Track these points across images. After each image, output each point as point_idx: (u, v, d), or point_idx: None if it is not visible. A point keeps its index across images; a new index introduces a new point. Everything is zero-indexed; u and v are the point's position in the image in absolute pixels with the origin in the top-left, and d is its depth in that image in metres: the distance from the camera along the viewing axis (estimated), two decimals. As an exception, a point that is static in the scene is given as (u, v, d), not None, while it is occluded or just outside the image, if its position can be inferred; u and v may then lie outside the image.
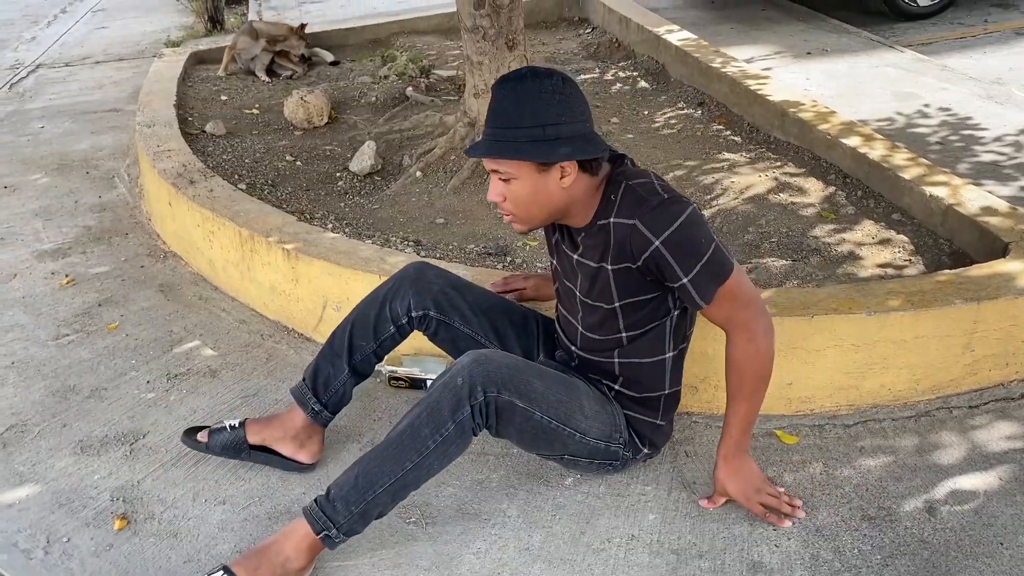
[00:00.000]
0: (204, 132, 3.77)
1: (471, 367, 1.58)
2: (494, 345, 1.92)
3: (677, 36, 4.47)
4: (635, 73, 4.49)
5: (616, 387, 1.80)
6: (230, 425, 1.98)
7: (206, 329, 2.64)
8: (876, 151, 2.98)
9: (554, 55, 4.94)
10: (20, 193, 3.72)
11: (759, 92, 3.61)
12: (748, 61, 4.39)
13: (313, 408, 1.92)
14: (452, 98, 4.12)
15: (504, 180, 1.57)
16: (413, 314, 1.89)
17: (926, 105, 3.86)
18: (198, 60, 5.01)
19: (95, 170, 3.95)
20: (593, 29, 5.41)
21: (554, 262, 1.83)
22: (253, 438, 1.95)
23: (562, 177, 1.56)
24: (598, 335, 1.76)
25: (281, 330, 2.60)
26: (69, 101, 5.07)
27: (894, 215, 2.78)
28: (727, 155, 3.37)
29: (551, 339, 1.98)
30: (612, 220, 1.59)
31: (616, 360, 1.77)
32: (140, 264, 3.06)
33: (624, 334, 1.73)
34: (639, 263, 1.59)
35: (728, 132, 3.60)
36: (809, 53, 4.67)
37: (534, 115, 1.52)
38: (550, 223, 1.71)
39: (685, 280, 1.57)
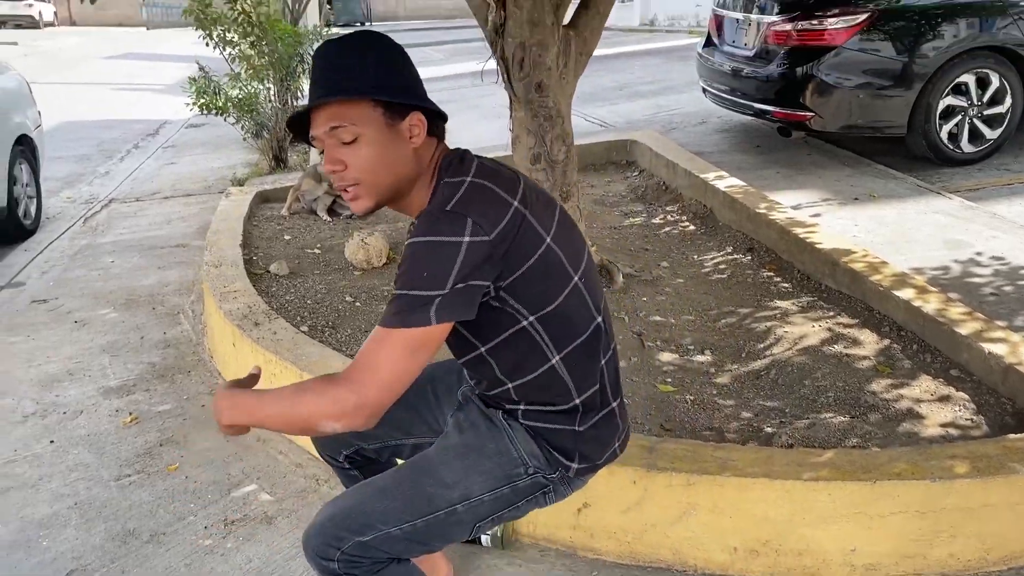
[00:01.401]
0: (268, 272, 3.92)
1: (305, 553, 1.55)
2: (401, 438, 1.79)
3: (724, 182, 4.59)
4: (683, 217, 4.59)
5: (522, 407, 1.56)
6: None
7: (263, 472, 2.67)
8: (930, 304, 2.99)
9: (603, 197, 5.09)
10: (90, 328, 3.87)
11: (808, 240, 3.67)
12: (796, 208, 4.47)
13: None
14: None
15: (347, 143, 1.39)
16: (338, 457, 1.83)
17: (978, 254, 3.87)
18: (263, 199, 5.26)
19: (161, 306, 4.10)
20: (640, 172, 5.58)
21: None
22: None
23: (411, 137, 1.42)
24: (459, 351, 1.55)
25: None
26: (139, 236, 5.32)
27: (952, 371, 2.76)
28: (778, 303, 3.40)
29: (456, 392, 1.77)
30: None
31: (509, 385, 1.53)
32: (201, 403, 3.13)
33: (482, 346, 1.49)
34: None
35: (779, 279, 3.64)
36: (856, 199, 4.75)
37: (379, 63, 1.41)
38: (391, 201, 1.48)
39: (394, 289, 1.38)
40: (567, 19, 3.32)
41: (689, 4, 18.10)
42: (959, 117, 5.27)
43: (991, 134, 5.33)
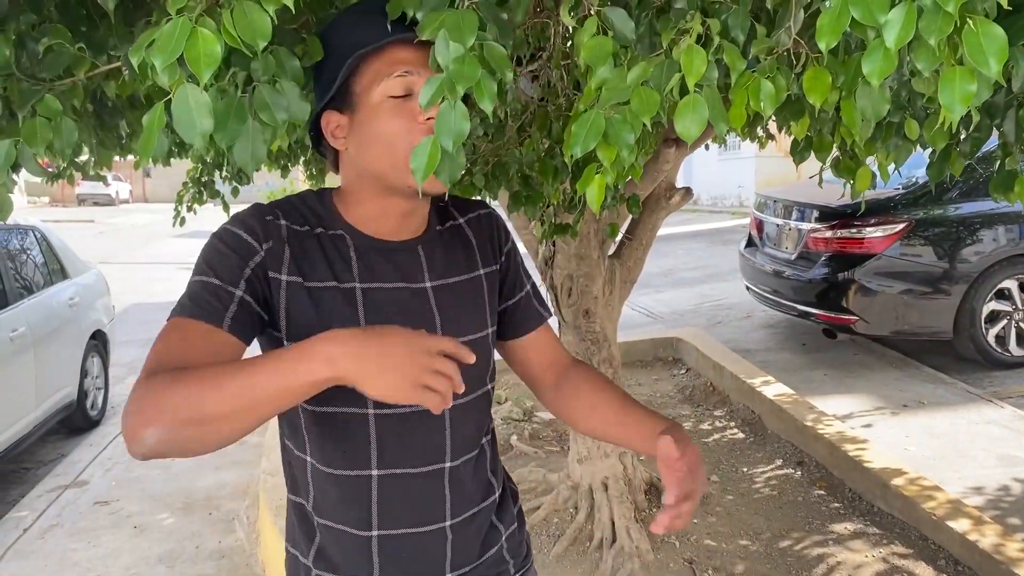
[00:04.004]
0: (322, 480, 4.01)
1: None
2: None
3: (772, 388, 4.64)
4: (731, 423, 4.63)
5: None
6: None
7: None
8: (987, 538, 2.94)
9: (651, 397, 5.16)
10: (148, 535, 3.96)
11: (858, 459, 3.67)
12: (845, 417, 4.50)
13: None
14: (555, 448, 4.31)
15: None
16: None
17: (1033, 472, 3.82)
18: (318, 395, 5.43)
19: (216, 511, 4.19)
20: (687, 371, 5.67)
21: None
22: None
23: None
24: (473, 400, 1.25)
25: None
26: (199, 431, 5.48)
27: (1015, 615, 2.69)
28: (831, 527, 3.37)
29: None
30: (463, 219, 1.30)
31: (486, 447, 1.31)
32: (252, 625, 3.16)
33: (489, 385, 1.30)
34: (502, 258, 1.32)
35: (830, 498, 3.62)
36: (906, 406, 4.75)
37: None
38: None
39: (530, 282, 1.37)
40: (612, 250, 3.52)
41: (731, 185, 18.80)
42: (1005, 321, 5.32)
43: (1039, 337, 5.36)
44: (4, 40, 1.42)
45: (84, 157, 3.56)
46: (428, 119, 1.08)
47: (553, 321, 1.50)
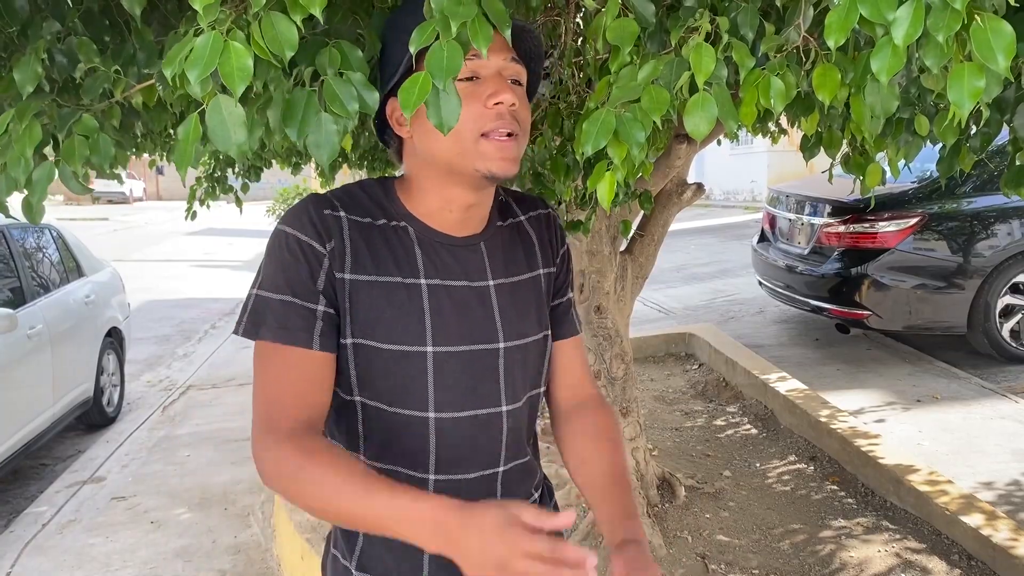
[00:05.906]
0: (336, 476, 4.04)
1: None
2: None
3: (785, 384, 4.64)
4: (744, 419, 4.63)
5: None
6: None
7: None
8: (1000, 533, 2.94)
9: (663, 393, 5.17)
10: (165, 530, 4.00)
11: (871, 454, 3.67)
12: (858, 412, 4.49)
13: None
14: (567, 443, 4.32)
15: (518, 83, 1.13)
16: None
17: (1047, 467, 3.81)
18: (332, 392, 5.46)
19: (232, 506, 4.23)
20: (700, 366, 5.67)
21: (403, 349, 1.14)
22: None
23: None
24: (526, 402, 1.24)
25: None
26: (214, 427, 5.54)
27: (1028, 609, 2.69)
28: (843, 522, 3.37)
29: None
30: (524, 217, 1.29)
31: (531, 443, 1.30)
32: (268, 619, 3.19)
33: (542, 387, 1.31)
34: (558, 260, 1.32)
35: (842, 493, 3.62)
36: (919, 400, 4.74)
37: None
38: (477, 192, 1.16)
39: (572, 293, 1.34)
40: (623, 246, 3.53)
41: (744, 180, 18.75)
42: (1019, 315, 5.29)
43: (1054, 332, 5.33)
44: (35, 56, 1.44)
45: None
46: (497, 103, 1.06)
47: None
